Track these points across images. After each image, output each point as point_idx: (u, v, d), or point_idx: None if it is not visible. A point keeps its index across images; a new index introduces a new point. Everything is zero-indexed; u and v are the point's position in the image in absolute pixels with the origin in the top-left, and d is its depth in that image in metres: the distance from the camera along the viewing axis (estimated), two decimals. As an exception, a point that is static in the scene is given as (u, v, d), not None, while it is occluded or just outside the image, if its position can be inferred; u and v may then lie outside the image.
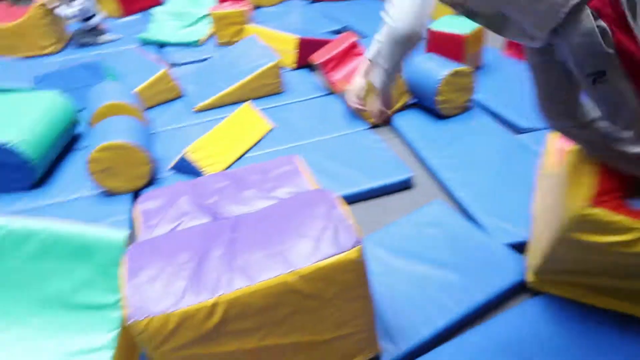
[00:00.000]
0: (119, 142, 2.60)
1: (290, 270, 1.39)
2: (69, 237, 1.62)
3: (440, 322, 1.82)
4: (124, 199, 2.75)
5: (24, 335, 1.60)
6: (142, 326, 1.33)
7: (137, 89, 3.53)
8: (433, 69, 3.11)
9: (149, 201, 1.93)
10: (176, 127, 3.47)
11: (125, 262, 1.49)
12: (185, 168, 2.83)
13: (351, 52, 3.54)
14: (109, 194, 2.78)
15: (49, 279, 1.63)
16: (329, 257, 1.41)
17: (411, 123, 3.22)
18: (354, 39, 3.58)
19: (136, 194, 2.81)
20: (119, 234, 1.63)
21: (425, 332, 1.78)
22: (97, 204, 2.73)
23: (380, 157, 2.91)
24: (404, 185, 2.72)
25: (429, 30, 3.66)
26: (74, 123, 3.31)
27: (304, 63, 4.19)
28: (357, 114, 3.32)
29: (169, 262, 1.50)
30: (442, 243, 2.17)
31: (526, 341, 1.73)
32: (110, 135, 2.64)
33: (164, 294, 1.38)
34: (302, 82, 3.94)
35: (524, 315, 1.82)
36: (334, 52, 3.53)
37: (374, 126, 3.29)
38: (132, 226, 2.41)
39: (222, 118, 3.43)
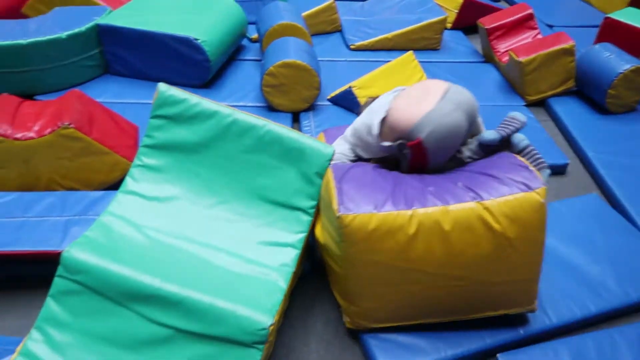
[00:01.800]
0: (299, 62, 2.73)
1: (480, 200, 1.52)
2: (284, 140, 1.78)
3: (593, 308, 1.87)
4: (284, 117, 2.92)
5: (225, 216, 1.81)
6: (348, 221, 1.50)
7: (303, 14, 3.64)
8: (613, 60, 2.98)
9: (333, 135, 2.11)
10: (332, 60, 3.57)
11: (332, 170, 1.67)
12: (347, 101, 2.95)
13: (525, 24, 3.45)
14: (272, 109, 2.96)
15: (257, 172, 1.81)
16: (517, 193, 1.53)
17: (571, 110, 3.14)
18: (529, 10, 3.47)
19: (295, 115, 2.98)
20: (329, 148, 1.78)
21: (578, 313, 1.84)
22: (260, 116, 2.93)
23: (532, 136, 2.87)
24: (558, 170, 2.70)
25: (607, 18, 3.48)
26: (243, 34, 3.49)
27: (460, 25, 4.13)
28: None
29: (369, 179, 1.66)
30: (597, 237, 2.18)
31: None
32: (292, 53, 2.78)
33: (368, 200, 1.55)
34: (458, 44, 3.89)
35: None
36: (505, 20, 3.45)
37: (529, 104, 3.25)
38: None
39: (378, 60, 3.50)
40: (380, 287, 1.62)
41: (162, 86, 1.84)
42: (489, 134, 1.75)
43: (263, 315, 1.46)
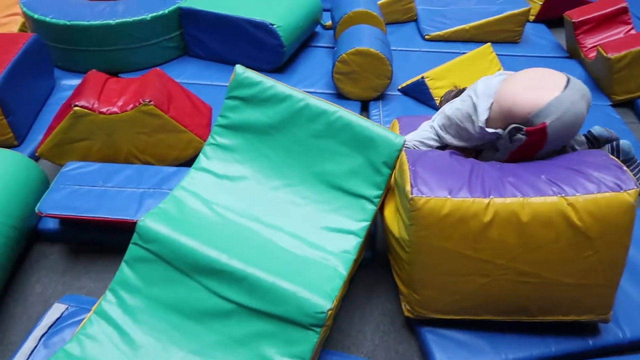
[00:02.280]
0: (373, 50, 2.71)
1: (565, 195, 1.45)
2: (354, 127, 1.78)
3: (673, 326, 1.74)
4: (353, 105, 2.91)
5: (291, 199, 1.83)
6: (421, 203, 1.48)
7: (378, 2, 3.59)
8: None
9: (407, 123, 2.08)
10: (405, 50, 3.51)
11: (404, 155, 1.66)
12: (418, 92, 2.90)
13: (617, 18, 3.22)
14: (341, 96, 2.96)
15: (325, 158, 1.82)
16: (606, 192, 1.44)
17: (663, 113, 2.92)
18: (623, 4, 3.23)
19: (364, 104, 2.97)
20: (399, 138, 1.76)
21: (656, 330, 1.73)
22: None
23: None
24: (642, 176, 2.52)
25: None
26: (317, 21, 3.50)
27: (544, 17, 3.92)
28: None
29: (445, 164, 1.63)
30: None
31: None
32: (365, 41, 2.75)
33: (443, 184, 1.52)
34: (540, 38, 3.70)
35: None
36: (595, 14, 3.23)
37: (615, 104, 3.05)
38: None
39: (454, 52, 3.41)
40: (445, 275, 1.59)
41: (239, 68, 1.88)
42: (599, 128, 1.78)
43: (323, 299, 1.48)
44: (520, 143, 1.63)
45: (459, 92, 1.99)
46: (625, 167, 1.52)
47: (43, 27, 2.95)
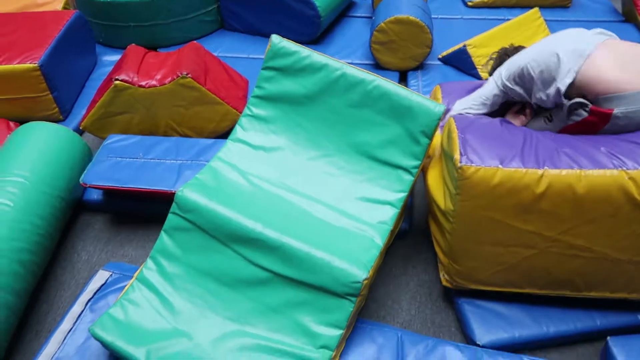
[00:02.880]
0: (413, 18, 2.62)
1: (626, 169, 1.37)
2: (392, 96, 1.73)
3: None
4: (391, 75, 2.84)
5: (327, 169, 1.81)
6: (470, 172, 1.43)
7: (418, -31, 3.47)
8: None
9: (451, 90, 2.01)
10: (446, 18, 3.38)
11: (453, 122, 1.59)
12: (459, 60, 2.80)
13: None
14: (379, 67, 2.89)
15: (361, 127, 1.78)
16: None
17: None
18: (686, -39, 2.99)
19: (402, 74, 2.89)
20: (439, 107, 1.70)
21: None
22: (366, 73, 2.88)
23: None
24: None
25: None
26: (355, -10, 3.42)
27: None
28: None
29: (497, 132, 1.56)
30: None
31: None
32: (404, 9, 2.67)
33: (493, 153, 1.45)
34: (593, 1, 3.49)
35: None
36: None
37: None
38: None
39: (498, 19, 3.26)
40: (489, 246, 1.54)
41: (275, 38, 1.86)
42: None
43: (358, 268, 1.47)
44: (578, 120, 1.54)
45: (516, 49, 1.87)
46: None
47: (85, 4, 3.01)
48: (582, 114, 1.53)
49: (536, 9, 2.88)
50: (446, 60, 2.90)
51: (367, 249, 1.59)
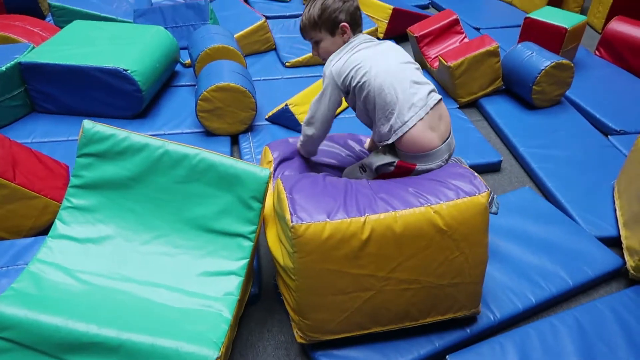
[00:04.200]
0: (233, 84, 2.72)
1: (429, 204, 1.58)
2: (218, 166, 1.76)
3: (534, 298, 1.94)
4: (223, 140, 2.89)
5: (164, 250, 1.76)
6: (302, 230, 1.50)
7: (235, 36, 3.64)
8: (534, 58, 3.13)
9: (277, 146, 2.11)
10: (268, 79, 3.59)
11: (282, 181, 1.67)
12: (285, 119, 2.96)
13: (451, 29, 3.57)
14: (209, 134, 2.93)
15: (193, 202, 1.77)
16: (464, 197, 1.60)
17: (500, 108, 3.27)
18: (455, 16, 3.60)
19: (233, 138, 2.96)
20: (264, 171, 1.77)
21: (520, 305, 1.90)
22: (198, 141, 2.87)
23: (468, 137, 2.99)
24: (493, 168, 2.81)
25: (527, 18, 3.66)
26: (176, 60, 3.45)
27: (392, 34, 4.24)
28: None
29: (320, 188, 1.67)
30: (532, 228, 2.27)
31: (613, 332, 1.82)
32: (225, 76, 2.76)
33: (320, 209, 1.56)
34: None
35: (616, 304, 1.91)
36: (433, 27, 3.57)
37: (462, 106, 3.36)
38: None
39: (315, 76, 3.55)
40: (332, 296, 1.62)
41: (87, 123, 1.78)
42: None
43: (208, 348, 1.43)
44: (386, 172, 1.81)
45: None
46: (476, 174, 1.69)
47: None
48: (388, 169, 1.77)
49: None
50: (273, 120, 3.05)
51: (216, 325, 1.56)
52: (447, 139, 1.79)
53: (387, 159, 1.82)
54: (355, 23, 1.82)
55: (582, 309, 1.89)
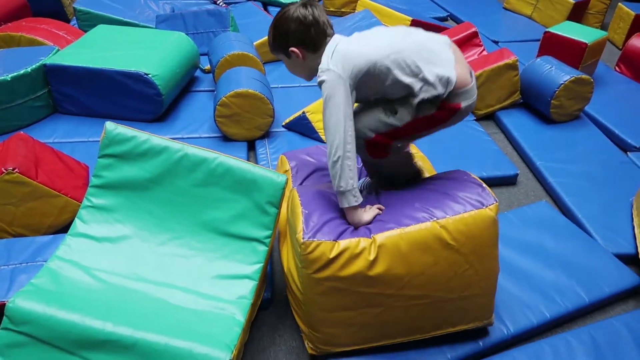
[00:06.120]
0: (252, 91, 2.75)
1: (436, 219, 1.56)
2: (235, 171, 1.78)
3: (548, 313, 1.91)
4: (240, 146, 2.92)
5: (180, 252, 1.78)
6: (312, 247, 1.51)
7: (254, 43, 3.68)
8: (553, 72, 3.12)
9: (293, 156, 2.14)
10: (286, 87, 3.61)
11: (297, 196, 1.68)
12: (301, 126, 2.98)
13: (470, 42, 3.58)
14: (226, 139, 2.96)
15: (209, 205, 1.79)
16: (471, 210, 1.57)
17: (518, 122, 3.26)
18: (473, 29, 3.60)
19: (250, 143, 2.99)
20: (281, 177, 1.78)
21: (534, 320, 1.88)
22: (215, 146, 2.89)
23: (484, 149, 2.98)
24: (509, 181, 2.79)
25: (547, 32, 3.64)
26: (196, 66, 3.50)
27: (410, 44, 4.24)
28: None
29: (333, 206, 1.67)
30: (548, 242, 2.25)
31: (630, 351, 1.79)
32: (243, 83, 2.79)
33: (332, 226, 1.57)
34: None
35: (632, 322, 1.88)
36: (452, 40, 3.55)
37: (479, 119, 3.36)
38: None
39: (332, 85, 3.56)
40: (341, 312, 1.62)
41: (109, 125, 1.82)
42: None
43: (220, 350, 1.44)
44: (428, 114, 1.61)
45: None
46: (484, 185, 1.66)
47: None
48: (431, 109, 1.58)
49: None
50: (290, 127, 3.07)
51: (229, 328, 1.57)
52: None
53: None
54: (312, 42, 1.60)
55: (597, 327, 1.87)
